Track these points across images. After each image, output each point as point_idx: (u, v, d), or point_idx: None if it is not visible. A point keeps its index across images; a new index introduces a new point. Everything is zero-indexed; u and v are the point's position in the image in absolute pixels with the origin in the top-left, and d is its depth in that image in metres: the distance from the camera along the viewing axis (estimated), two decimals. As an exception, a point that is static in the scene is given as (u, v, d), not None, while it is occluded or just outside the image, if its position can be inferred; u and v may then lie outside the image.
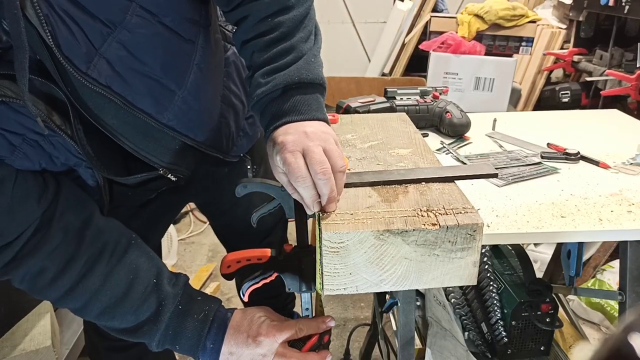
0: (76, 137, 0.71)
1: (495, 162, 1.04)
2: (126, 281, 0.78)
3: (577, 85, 2.58)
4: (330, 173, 0.65)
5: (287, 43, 0.72)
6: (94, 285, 0.76)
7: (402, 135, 0.97)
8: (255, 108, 0.75)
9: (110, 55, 0.68)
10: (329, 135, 0.69)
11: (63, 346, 1.56)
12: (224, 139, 0.93)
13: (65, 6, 0.63)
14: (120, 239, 0.80)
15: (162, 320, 0.79)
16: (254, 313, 0.84)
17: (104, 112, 0.72)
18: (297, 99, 0.71)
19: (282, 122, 0.70)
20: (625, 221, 0.80)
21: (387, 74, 3.33)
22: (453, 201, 0.68)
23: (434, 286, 0.67)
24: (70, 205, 0.76)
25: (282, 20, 0.73)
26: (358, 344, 1.78)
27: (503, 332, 1.12)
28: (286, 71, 0.71)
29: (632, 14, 1.99)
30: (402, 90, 1.26)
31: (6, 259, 0.71)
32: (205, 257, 2.44)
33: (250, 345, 0.79)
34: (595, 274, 1.91)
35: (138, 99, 0.73)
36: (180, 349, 0.81)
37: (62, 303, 0.77)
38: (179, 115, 0.79)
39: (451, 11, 3.51)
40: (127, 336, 0.81)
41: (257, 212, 0.78)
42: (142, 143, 0.79)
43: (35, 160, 0.71)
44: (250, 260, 0.83)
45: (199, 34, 0.78)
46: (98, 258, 0.77)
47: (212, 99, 0.87)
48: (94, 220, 0.78)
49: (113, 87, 0.70)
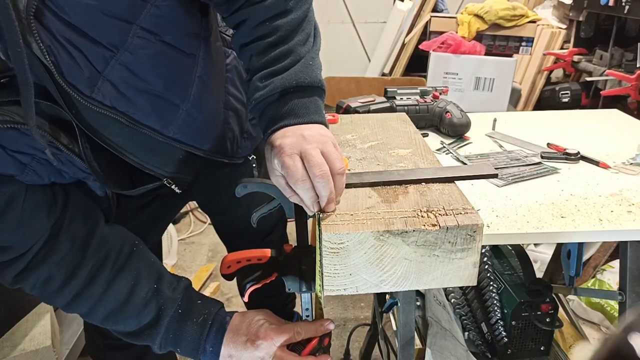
0: (83, 155, 0.72)
1: (495, 162, 1.04)
2: (128, 287, 0.80)
3: (577, 85, 2.58)
4: (328, 175, 0.65)
5: (285, 46, 0.72)
6: (97, 292, 0.79)
7: (402, 135, 0.97)
8: (253, 111, 0.75)
9: (113, 77, 0.68)
10: (327, 138, 0.69)
11: (63, 346, 1.56)
12: (229, 143, 0.93)
13: (66, 34, 0.63)
14: (123, 246, 0.82)
15: (162, 324, 0.81)
16: (253, 316, 0.84)
17: (108, 131, 0.74)
18: (295, 103, 0.71)
19: (279, 126, 0.70)
20: (625, 221, 0.80)
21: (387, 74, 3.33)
22: (453, 202, 0.68)
23: (434, 287, 0.67)
24: (77, 215, 0.78)
25: (280, 23, 0.73)
26: (358, 344, 1.78)
27: (503, 332, 1.12)
28: (284, 75, 0.71)
29: (632, 14, 1.99)
30: (402, 90, 1.26)
31: (18, 270, 0.74)
32: (205, 257, 2.44)
33: (248, 348, 0.80)
34: (595, 274, 1.91)
35: (143, 116, 0.74)
36: (182, 351, 0.83)
37: (70, 309, 0.79)
38: (183, 127, 0.80)
39: (451, 11, 3.51)
40: (132, 339, 0.83)
41: (257, 212, 0.78)
42: (147, 157, 0.80)
43: (45, 176, 0.73)
44: (251, 260, 0.83)
45: (200, 46, 0.78)
46: (102, 266, 0.79)
47: (214, 107, 0.88)
48: (98, 228, 0.80)
49: (118, 107, 0.71)
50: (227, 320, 0.83)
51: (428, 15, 2.74)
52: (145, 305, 0.81)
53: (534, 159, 1.05)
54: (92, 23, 0.64)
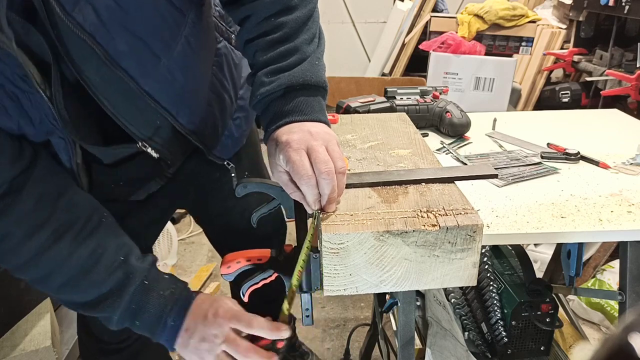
0: (54, 100, 0.68)
1: (495, 162, 1.03)
2: (94, 254, 0.76)
3: (577, 85, 2.58)
4: (333, 173, 0.65)
5: (291, 44, 0.72)
6: (60, 255, 0.74)
7: (402, 135, 0.97)
8: (257, 107, 0.75)
9: (96, 2, 0.66)
10: (332, 137, 0.70)
11: (63, 346, 1.56)
12: (209, 128, 0.91)
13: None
14: (93, 215, 0.79)
15: (127, 292, 0.77)
16: (218, 298, 0.83)
17: (87, 65, 0.70)
18: (301, 100, 0.71)
19: (285, 122, 0.70)
20: (625, 221, 0.80)
21: (387, 74, 3.33)
22: (453, 202, 0.68)
23: (434, 287, 0.67)
24: (47, 176, 0.74)
25: (285, 20, 0.73)
26: (358, 344, 1.78)
27: (503, 332, 1.12)
28: (291, 72, 0.71)
29: (632, 14, 1.99)
30: (402, 90, 1.26)
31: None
32: (205, 257, 2.44)
33: (206, 322, 0.78)
34: (595, 274, 1.91)
35: (121, 56, 0.71)
36: (141, 324, 0.79)
37: (21, 271, 0.75)
38: (162, 85, 0.77)
39: (451, 11, 3.51)
40: (87, 310, 0.78)
41: (257, 212, 0.78)
42: (123, 108, 0.76)
43: (15, 119, 0.69)
44: (250, 260, 0.83)
45: (191, 9, 0.77)
46: (69, 228, 0.75)
47: (199, 79, 0.86)
48: (69, 192, 0.77)
49: (97, 37, 0.67)
50: (193, 296, 0.81)
51: (428, 15, 2.74)
52: (110, 274, 0.77)
53: (534, 159, 1.05)
54: None
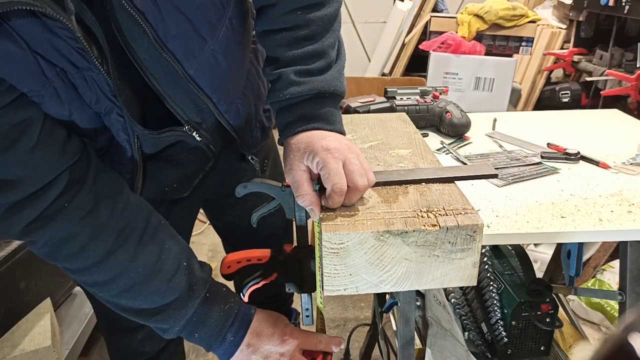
0: (111, 75, 0.65)
1: (495, 162, 1.03)
2: (158, 259, 0.74)
3: (577, 85, 2.58)
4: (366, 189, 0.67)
5: (318, 45, 0.71)
6: (125, 259, 0.72)
7: (402, 135, 0.97)
8: (279, 104, 0.74)
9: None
10: (360, 152, 0.71)
11: (63, 346, 1.56)
12: (244, 119, 0.88)
13: None
14: (151, 217, 0.76)
15: (191, 305, 0.76)
16: (277, 315, 0.84)
17: (137, 43, 0.67)
18: (329, 110, 0.72)
19: (313, 127, 0.70)
20: (625, 221, 0.80)
21: (387, 74, 3.33)
22: (453, 202, 0.68)
23: (434, 287, 0.67)
24: (101, 173, 0.72)
25: (313, 17, 0.71)
26: (358, 344, 1.78)
27: (503, 332, 1.12)
28: (322, 77, 0.71)
29: (632, 14, 1.99)
30: (402, 90, 1.26)
31: (31, 217, 0.65)
32: (205, 257, 2.44)
33: (273, 341, 0.79)
34: (595, 274, 1.91)
35: (169, 37, 0.69)
36: (199, 337, 0.77)
37: (83, 275, 0.72)
38: (205, 68, 0.74)
39: (451, 11, 3.51)
40: (143, 318, 0.76)
41: (257, 211, 0.78)
42: (171, 89, 0.73)
43: (65, 104, 0.65)
44: (251, 260, 0.83)
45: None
46: (131, 231, 0.73)
47: (239, 63, 0.83)
48: (125, 193, 0.74)
49: (147, 14, 0.65)
50: (252, 312, 0.82)
51: (428, 15, 2.74)
52: (174, 281, 0.75)
53: (534, 159, 1.05)
54: None
